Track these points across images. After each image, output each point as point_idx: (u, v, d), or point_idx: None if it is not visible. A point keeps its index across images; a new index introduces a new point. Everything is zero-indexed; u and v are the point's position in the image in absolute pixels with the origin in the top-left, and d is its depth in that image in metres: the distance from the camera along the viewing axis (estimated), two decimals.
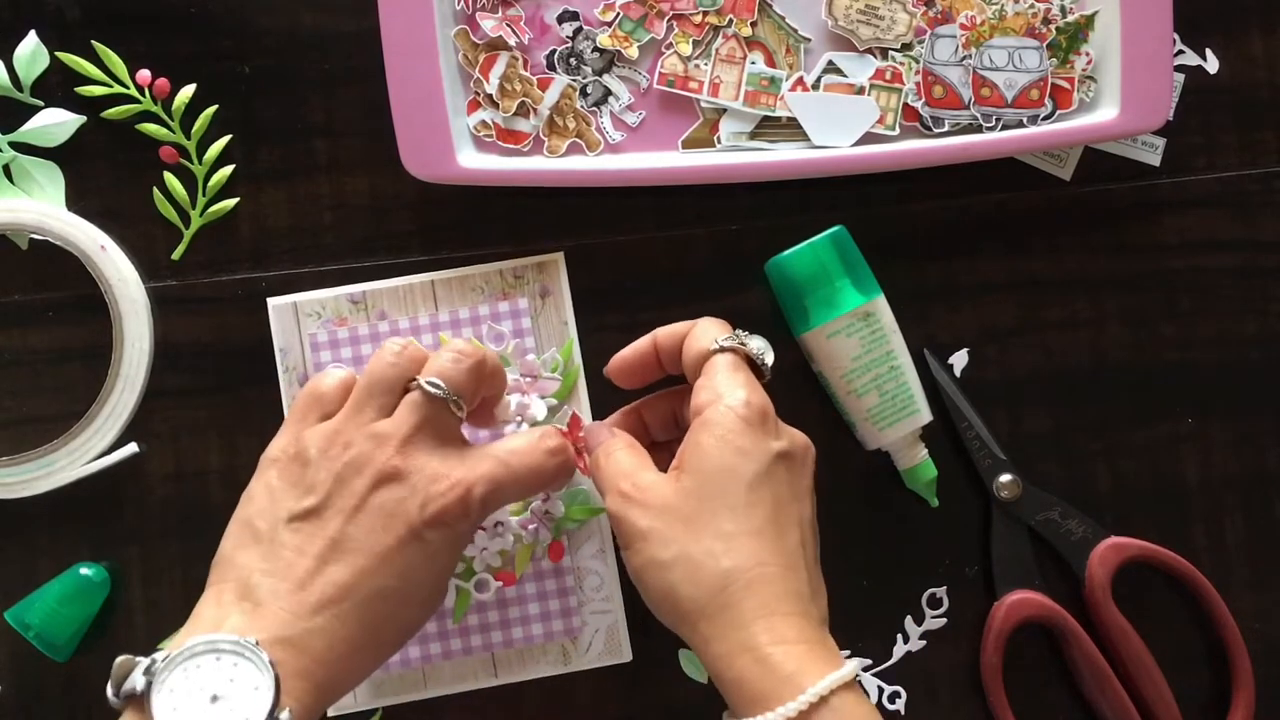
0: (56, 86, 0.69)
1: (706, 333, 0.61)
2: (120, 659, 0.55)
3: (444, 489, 0.55)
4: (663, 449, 0.62)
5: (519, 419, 0.65)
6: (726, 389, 0.58)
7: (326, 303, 0.67)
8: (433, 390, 0.56)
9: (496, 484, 0.56)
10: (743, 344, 0.60)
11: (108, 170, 0.69)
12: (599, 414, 0.67)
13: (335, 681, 0.54)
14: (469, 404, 0.58)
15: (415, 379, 0.57)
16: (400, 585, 0.54)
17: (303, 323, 0.67)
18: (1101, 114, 0.67)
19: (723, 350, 0.60)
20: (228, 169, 0.69)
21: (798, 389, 0.68)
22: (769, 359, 0.60)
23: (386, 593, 0.54)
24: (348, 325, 0.67)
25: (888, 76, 0.67)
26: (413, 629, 0.58)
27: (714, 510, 0.56)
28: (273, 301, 0.68)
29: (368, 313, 0.67)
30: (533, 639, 0.66)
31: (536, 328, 0.68)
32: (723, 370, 0.59)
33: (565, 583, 0.67)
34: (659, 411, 0.64)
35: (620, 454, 0.60)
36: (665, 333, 0.63)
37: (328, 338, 0.67)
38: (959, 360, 0.70)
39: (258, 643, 0.51)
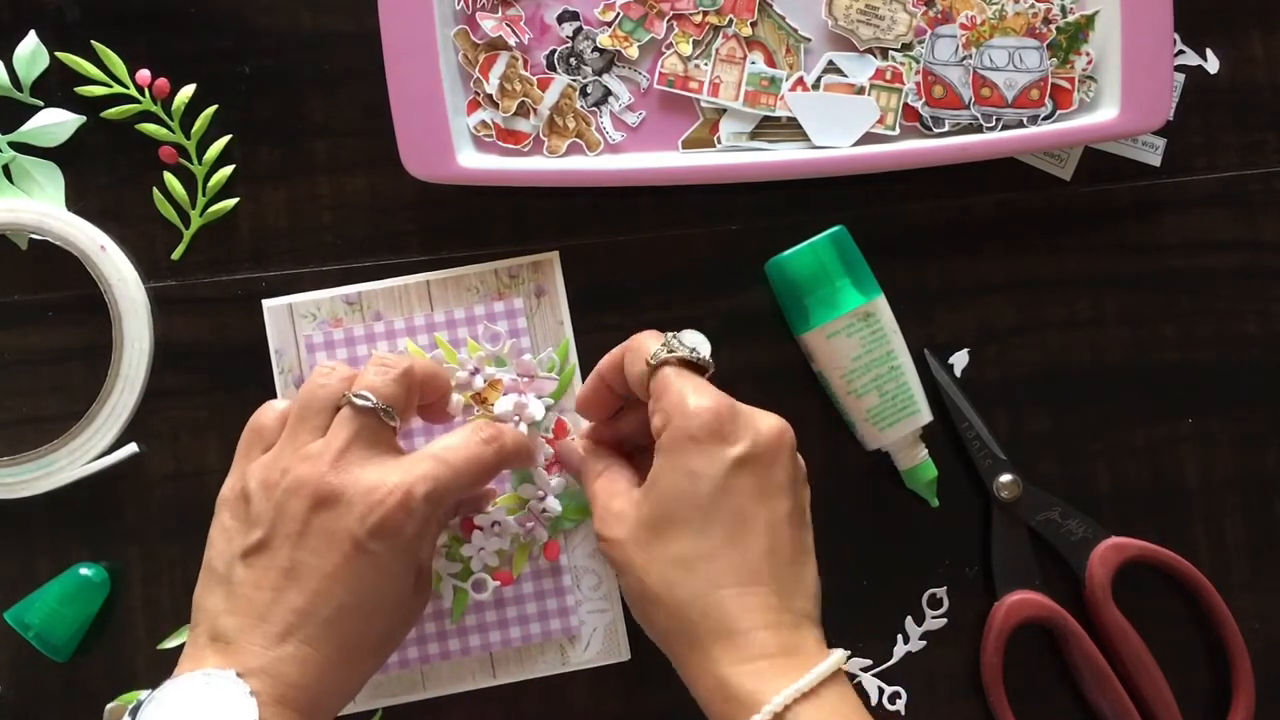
0: (56, 86, 0.69)
1: (639, 351, 0.59)
2: (111, 706, 0.56)
3: (381, 497, 0.54)
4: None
5: (516, 418, 0.65)
6: (674, 408, 0.56)
7: (322, 304, 0.67)
8: (360, 403, 0.56)
9: (436, 481, 0.56)
10: (672, 351, 0.58)
11: (108, 170, 0.69)
12: None
13: (317, 702, 0.54)
14: (402, 412, 0.58)
15: (345, 395, 0.57)
16: (357, 600, 0.54)
17: (298, 324, 0.67)
18: (1101, 114, 0.67)
19: (658, 366, 0.58)
20: (228, 169, 0.69)
21: (798, 389, 0.68)
22: (705, 352, 0.59)
23: (346, 610, 0.54)
24: (343, 326, 0.67)
25: (888, 76, 0.67)
26: (392, 638, 0.58)
27: (670, 537, 0.56)
28: (268, 303, 0.68)
29: (363, 314, 0.67)
30: (531, 638, 0.66)
31: (532, 327, 0.68)
32: (666, 387, 0.57)
33: (563, 582, 0.67)
34: (635, 420, 0.63)
35: (597, 485, 0.60)
36: (605, 363, 0.61)
37: (323, 339, 0.67)
38: (959, 360, 0.70)
39: (238, 674, 0.52)
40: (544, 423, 0.66)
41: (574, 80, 0.67)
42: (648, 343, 0.59)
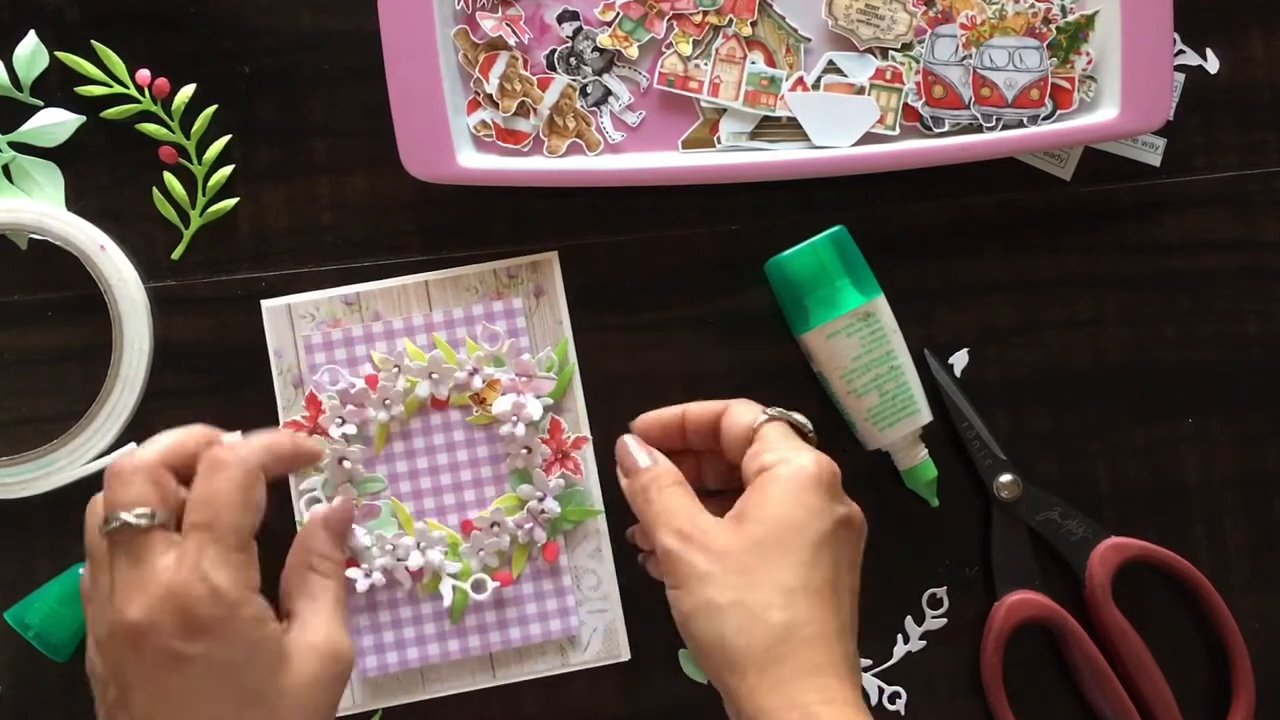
0: (56, 86, 0.69)
1: (746, 409, 0.61)
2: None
3: (173, 601, 0.51)
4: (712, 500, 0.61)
5: (514, 418, 0.65)
6: (792, 452, 0.58)
7: (320, 304, 0.67)
8: (111, 527, 0.53)
9: (218, 545, 0.53)
10: (787, 415, 0.61)
11: (107, 170, 0.69)
12: (593, 413, 0.67)
13: None
14: (159, 498, 0.54)
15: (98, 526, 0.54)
16: (224, 704, 0.52)
17: (296, 325, 0.67)
18: (1101, 114, 0.67)
19: (772, 420, 0.60)
20: (227, 169, 0.69)
21: (798, 389, 0.68)
22: (810, 429, 0.61)
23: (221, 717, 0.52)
24: (341, 327, 0.67)
25: (888, 76, 0.67)
26: (301, 701, 0.54)
27: (776, 563, 0.56)
28: (266, 304, 0.67)
29: (362, 314, 0.67)
30: (530, 639, 0.66)
31: (531, 327, 0.68)
32: (781, 436, 0.59)
33: (562, 582, 0.67)
34: (716, 463, 0.64)
35: (674, 490, 0.60)
36: (696, 409, 0.63)
37: (321, 339, 0.67)
38: (959, 360, 0.70)
39: None
40: (541, 423, 0.66)
41: (574, 80, 0.67)
42: (751, 404, 0.62)
